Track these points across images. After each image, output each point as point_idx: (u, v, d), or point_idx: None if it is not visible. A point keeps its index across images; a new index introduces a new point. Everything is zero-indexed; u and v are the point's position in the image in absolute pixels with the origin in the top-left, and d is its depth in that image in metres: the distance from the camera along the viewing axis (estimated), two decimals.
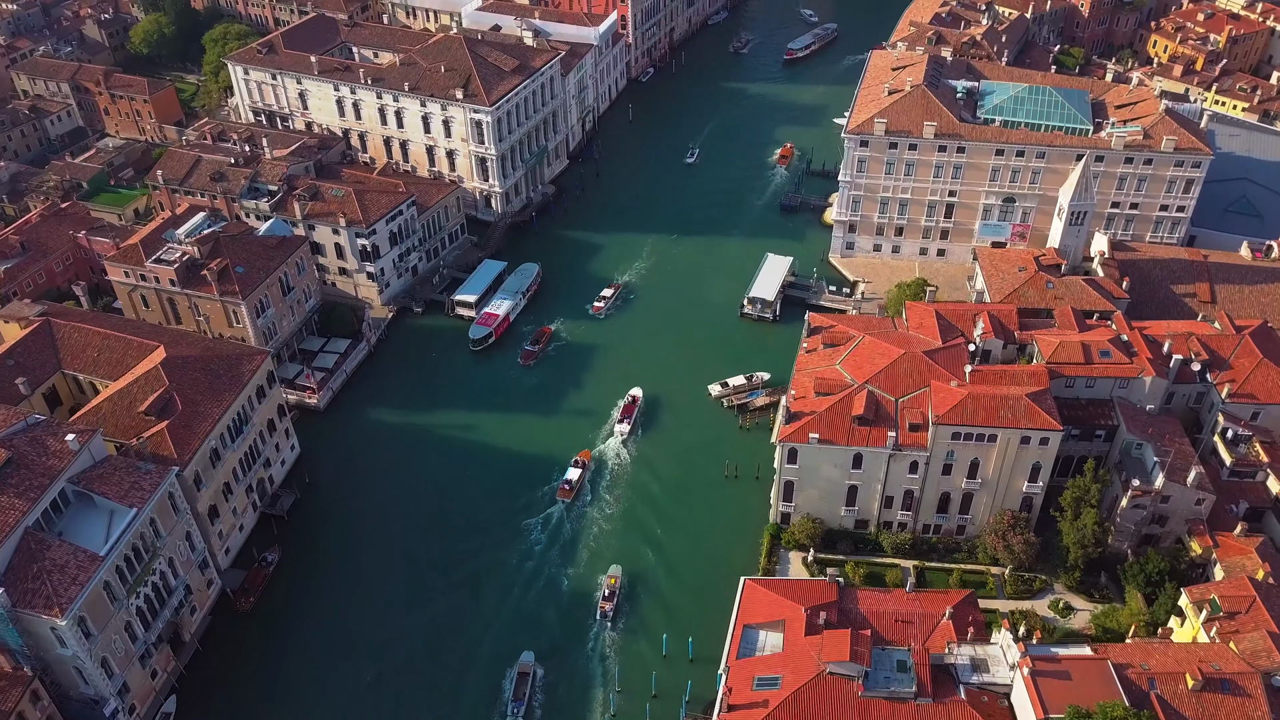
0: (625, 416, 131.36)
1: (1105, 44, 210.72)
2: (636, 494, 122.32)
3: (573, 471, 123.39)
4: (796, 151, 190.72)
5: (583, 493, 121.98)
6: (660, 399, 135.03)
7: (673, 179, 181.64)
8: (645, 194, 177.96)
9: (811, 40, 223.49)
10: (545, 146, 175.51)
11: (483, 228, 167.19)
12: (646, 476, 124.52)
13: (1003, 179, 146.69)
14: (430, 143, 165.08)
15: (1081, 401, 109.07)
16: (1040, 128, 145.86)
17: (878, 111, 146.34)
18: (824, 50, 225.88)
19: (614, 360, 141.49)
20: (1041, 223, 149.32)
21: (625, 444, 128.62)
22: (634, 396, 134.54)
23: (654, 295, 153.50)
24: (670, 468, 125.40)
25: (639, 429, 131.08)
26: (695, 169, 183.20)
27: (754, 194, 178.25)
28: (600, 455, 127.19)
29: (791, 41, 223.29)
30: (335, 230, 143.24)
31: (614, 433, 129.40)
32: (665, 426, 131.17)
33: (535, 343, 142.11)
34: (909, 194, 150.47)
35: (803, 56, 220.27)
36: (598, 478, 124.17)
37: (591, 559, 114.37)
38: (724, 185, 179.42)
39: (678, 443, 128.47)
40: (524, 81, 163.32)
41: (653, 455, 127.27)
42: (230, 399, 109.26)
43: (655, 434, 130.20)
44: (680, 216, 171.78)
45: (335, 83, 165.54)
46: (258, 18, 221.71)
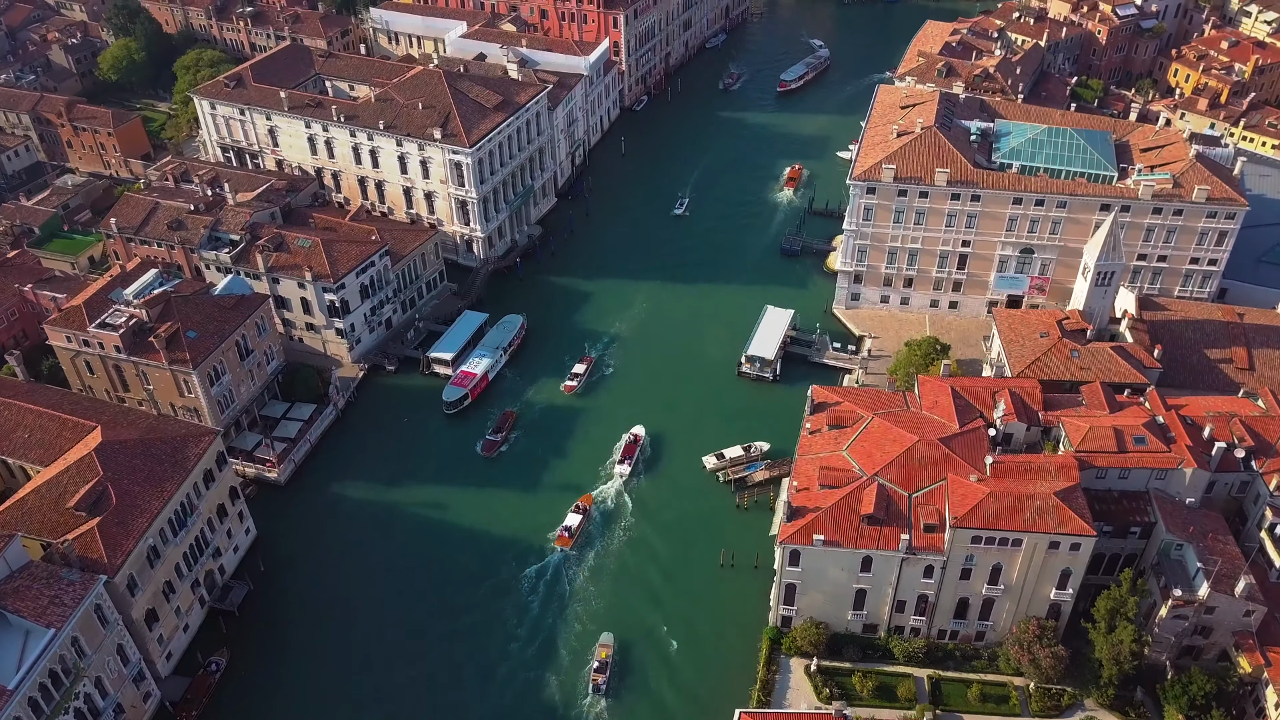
0: (626, 457, 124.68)
1: (1123, 72, 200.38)
2: (632, 555, 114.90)
3: (572, 517, 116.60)
4: (805, 172, 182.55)
5: (583, 540, 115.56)
6: (652, 469, 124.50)
7: (667, 219, 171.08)
8: (638, 235, 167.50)
9: (804, 70, 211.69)
10: (531, 185, 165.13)
11: (463, 274, 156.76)
12: (642, 554, 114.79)
13: (1020, 229, 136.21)
14: (407, 184, 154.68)
15: (1114, 494, 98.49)
16: (1061, 174, 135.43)
17: (885, 156, 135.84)
18: (818, 79, 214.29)
19: (598, 428, 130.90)
20: (1062, 275, 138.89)
21: (626, 488, 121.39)
22: (635, 435, 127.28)
23: (645, 350, 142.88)
24: (663, 549, 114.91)
25: (640, 474, 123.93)
26: (688, 213, 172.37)
27: (752, 234, 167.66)
28: (600, 498, 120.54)
29: (784, 72, 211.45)
30: (301, 285, 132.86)
31: (614, 474, 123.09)
32: (658, 502, 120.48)
33: (498, 430, 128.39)
34: (919, 244, 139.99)
35: (797, 88, 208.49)
36: (595, 526, 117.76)
37: (583, 630, 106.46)
38: (720, 226, 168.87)
39: (671, 522, 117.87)
40: (507, 119, 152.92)
41: (646, 531, 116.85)
42: (173, 489, 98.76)
43: (648, 508, 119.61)
44: (674, 259, 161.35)
45: (306, 120, 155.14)
46: (233, 43, 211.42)
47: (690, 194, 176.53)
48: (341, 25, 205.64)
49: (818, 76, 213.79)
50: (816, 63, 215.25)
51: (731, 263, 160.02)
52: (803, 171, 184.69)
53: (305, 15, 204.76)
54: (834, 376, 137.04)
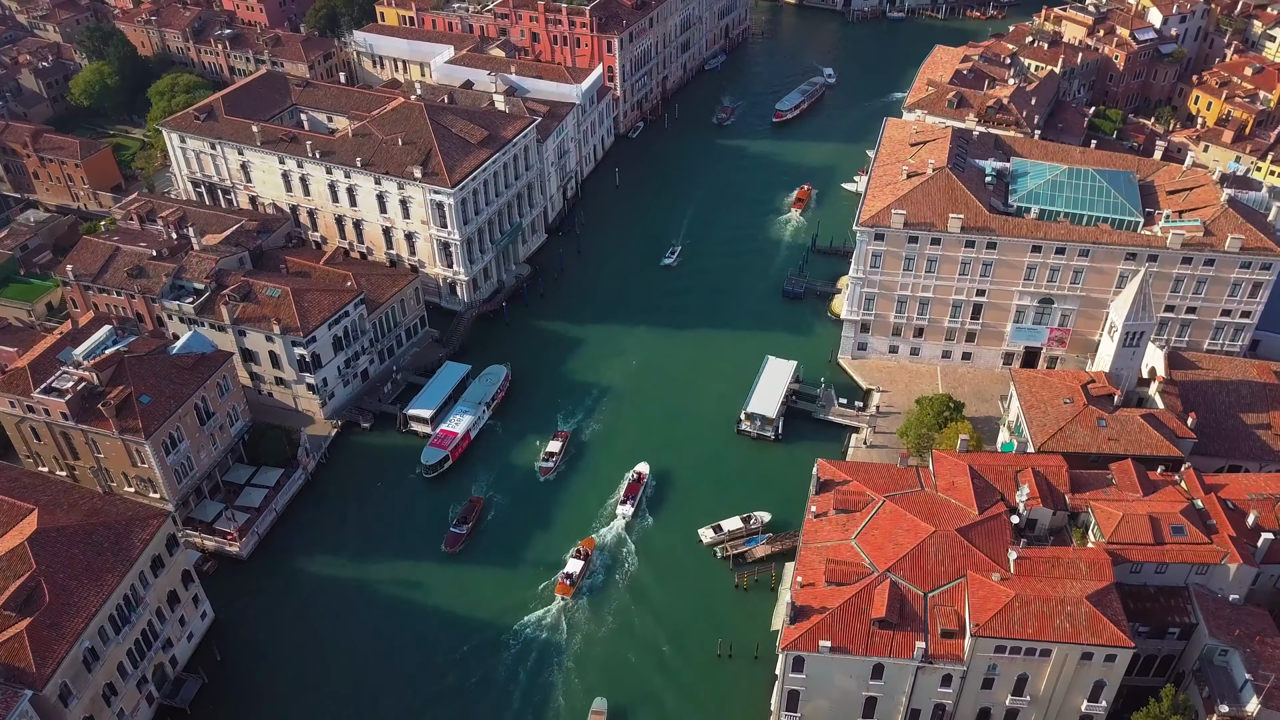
0: (629, 496, 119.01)
1: (1141, 99, 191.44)
2: (633, 607, 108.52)
3: (573, 563, 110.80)
4: (814, 192, 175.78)
5: (585, 588, 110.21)
6: (642, 542, 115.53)
7: (662, 256, 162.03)
8: (631, 274, 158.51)
9: (800, 99, 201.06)
10: (519, 223, 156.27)
11: (446, 318, 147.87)
12: (643, 614, 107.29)
13: (1039, 278, 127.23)
14: (387, 223, 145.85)
15: (1150, 590, 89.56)
16: (1082, 219, 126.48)
17: (895, 200, 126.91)
18: (815, 106, 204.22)
19: (595, 472, 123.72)
20: (1083, 326, 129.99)
21: (628, 530, 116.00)
22: (639, 473, 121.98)
23: (638, 405, 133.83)
24: (655, 635, 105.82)
25: (644, 513, 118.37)
26: (687, 245, 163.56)
27: (752, 273, 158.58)
28: (600, 542, 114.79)
29: (779, 102, 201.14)
30: (269, 338, 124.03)
31: (616, 515, 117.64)
32: (650, 580, 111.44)
33: (464, 521, 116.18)
34: (931, 292, 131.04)
35: (793, 117, 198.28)
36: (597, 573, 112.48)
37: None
38: (718, 264, 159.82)
39: (663, 604, 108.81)
40: (493, 155, 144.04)
41: (636, 617, 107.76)
42: (114, 581, 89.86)
43: (638, 588, 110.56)
44: (670, 301, 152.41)
45: (280, 155, 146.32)
46: (211, 66, 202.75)
47: (686, 230, 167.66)
48: (324, 49, 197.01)
49: (814, 104, 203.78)
50: (812, 90, 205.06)
51: (730, 305, 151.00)
52: (812, 192, 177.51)
53: (286, 38, 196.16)
54: (840, 435, 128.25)
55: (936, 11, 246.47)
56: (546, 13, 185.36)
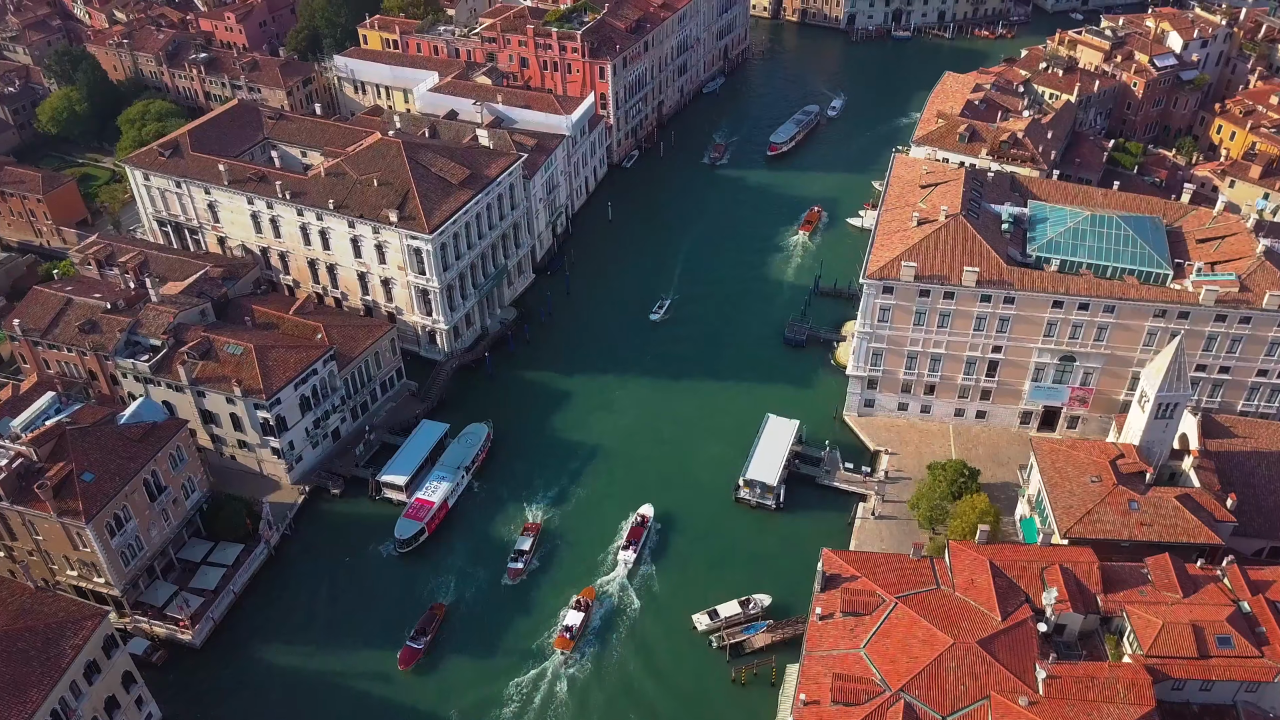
0: (632, 541, 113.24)
1: (1161, 127, 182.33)
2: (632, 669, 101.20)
3: (573, 615, 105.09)
4: (825, 215, 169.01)
5: (586, 640, 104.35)
6: (628, 627, 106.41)
7: (655, 297, 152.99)
8: (623, 318, 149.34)
9: (795, 130, 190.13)
10: (504, 265, 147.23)
11: (425, 368, 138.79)
12: None
13: (1060, 335, 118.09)
14: (362, 268, 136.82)
15: (1194, 709, 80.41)
16: (1107, 271, 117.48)
17: (905, 251, 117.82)
18: (811, 135, 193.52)
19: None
20: (1107, 385, 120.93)
21: (630, 579, 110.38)
22: (643, 516, 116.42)
23: (628, 467, 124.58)
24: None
25: (647, 559, 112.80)
26: (682, 284, 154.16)
27: (752, 316, 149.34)
28: (601, 593, 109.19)
29: (774, 134, 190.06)
30: (230, 400, 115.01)
31: (618, 562, 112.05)
32: (639, 672, 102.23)
33: (421, 633, 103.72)
34: (943, 348, 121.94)
35: (788, 150, 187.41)
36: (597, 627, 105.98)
37: None
38: (715, 307, 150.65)
39: (652, 699, 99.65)
40: (475, 197, 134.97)
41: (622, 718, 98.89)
42: (39, 696, 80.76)
43: (625, 682, 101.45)
44: (663, 349, 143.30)
45: (249, 195, 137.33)
46: (186, 91, 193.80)
47: (681, 268, 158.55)
48: (303, 74, 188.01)
49: (810, 134, 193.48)
50: (808, 120, 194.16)
51: (728, 354, 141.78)
52: (821, 215, 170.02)
53: (264, 63, 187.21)
54: (846, 503, 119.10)
55: (944, 31, 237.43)
56: (536, 37, 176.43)
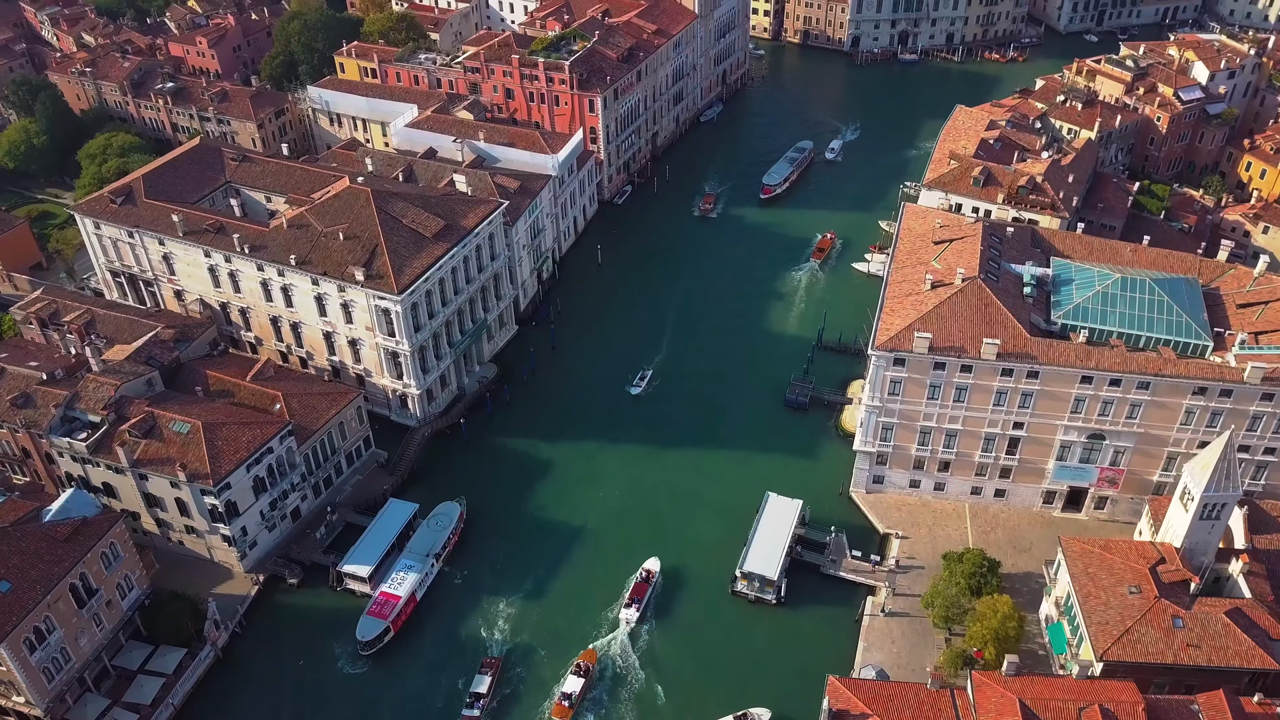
0: (635, 599, 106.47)
1: (1185, 164, 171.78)
2: None
3: (572, 681, 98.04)
4: (839, 242, 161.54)
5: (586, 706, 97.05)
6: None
7: (646, 351, 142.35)
8: (612, 376, 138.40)
9: (789, 169, 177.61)
10: (483, 320, 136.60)
11: (396, 434, 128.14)
12: None
13: (1089, 411, 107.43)
14: (328, 328, 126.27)
15: None
16: (1140, 341, 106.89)
17: (918, 319, 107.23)
18: (806, 173, 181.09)
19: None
20: (1140, 465, 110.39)
21: (634, 637, 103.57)
22: (647, 571, 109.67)
23: (613, 555, 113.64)
24: None
25: (650, 619, 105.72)
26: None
27: (750, 372, 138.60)
28: (603, 654, 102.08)
29: (767, 174, 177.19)
30: (174, 484, 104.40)
31: (620, 621, 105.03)
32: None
33: None
34: (959, 424, 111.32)
35: (783, 192, 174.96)
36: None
37: None
38: (710, 364, 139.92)
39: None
40: (451, 250, 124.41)
41: None
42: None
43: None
44: (654, 412, 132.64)
45: (205, 249, 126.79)
46: (153, 122, 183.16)
47: (674, 319, 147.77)
48: (276, 104, 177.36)
49: (804, 173, 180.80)
50: (801, 158, 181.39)
51: (724, 419, 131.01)
52: (835, 241, 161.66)
53: (234, 93, 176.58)
54: (853, 596, 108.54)
55: (952, 53, 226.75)
56: (521, 68, 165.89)
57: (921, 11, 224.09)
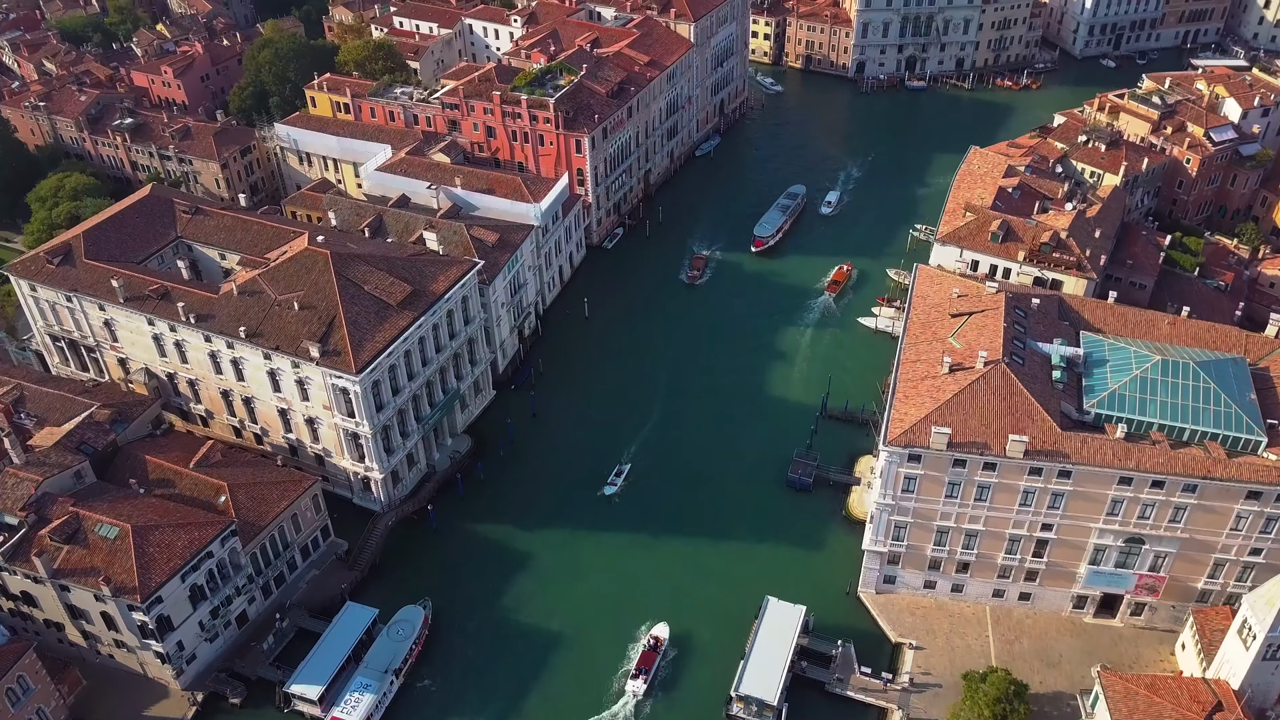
0: (642, 669, 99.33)
1: (1216, 207, 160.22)
2: None
3: None
4: (855, 273, 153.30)
5: None
6: None
7: (635, 421, 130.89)
8: (596, 449, 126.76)
9: (782, 218, 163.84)
10: (457, 389, 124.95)
11: (359, 518, 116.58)
12: None
13: (1127, 514, 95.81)
14: (282, 404, 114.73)
15: None
16: (1184, 434, 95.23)
17: (935, 409, 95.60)
18: (798, 220, 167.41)
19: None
20: (1184, 571, 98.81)
21: (640, 710, 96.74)
22: (656, 639, 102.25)
23: (593, 665, 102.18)
24: None
25: (658, 694, 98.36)
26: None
27: (749, 446, 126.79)
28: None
29: (758, 226, 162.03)
30: (99, 598, 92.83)
31: (626, 692, 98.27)
32: None
33: None
34: (981, 524, 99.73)
35: (775, 243, 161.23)
36: None
37: None
38: (704, 436, 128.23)
39: None
40: (418, 320, 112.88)
41: None
42: None
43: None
44: (643, 490, 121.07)
45: (147, 316, 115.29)
46: (111, 160, 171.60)
47: (666, 382, 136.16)
48: (242, 142, 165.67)
49: (796, 221, 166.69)
50: (794, 205, 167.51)
51: (719, 503, 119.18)
52: (851, 273, 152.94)
53: (197, 130, 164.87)
54: (863, 717, 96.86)
55: (962, 80, 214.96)
56: (503, 105, 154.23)
57: (930, 36, 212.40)
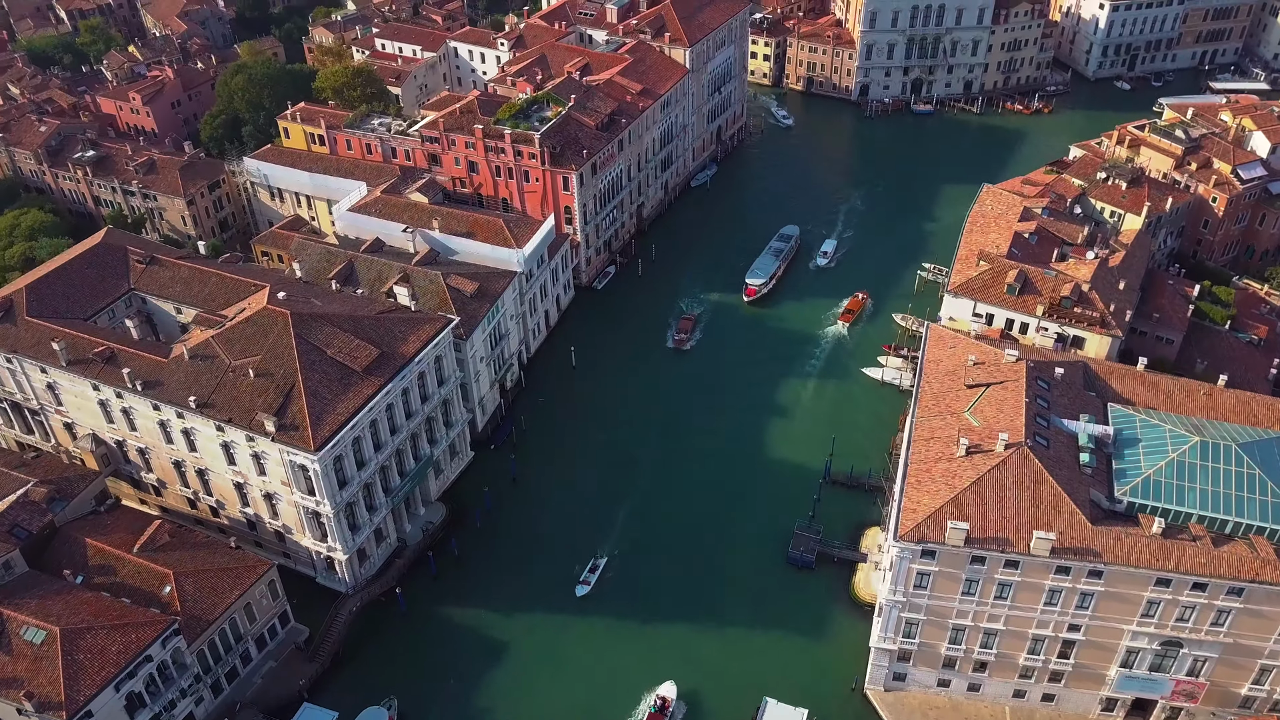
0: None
1: (1243, 248, 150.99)
2: None
3: None
4: (870, 304, 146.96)
5: None
6: None
7: (622, 486, 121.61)
8: (580, 519, 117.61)
9: (776, 263, 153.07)
10: (430, 456, 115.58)
11: (323, 598, 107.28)
12: None
13: (1164, 616, 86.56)
14: (238, 478, 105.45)
15: None
16: (1227, 527, 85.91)
17: (951, 499, 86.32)
18: (793, 264, 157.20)
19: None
20: (1226, 675, 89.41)
21: None
22: (663, 699, 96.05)
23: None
24: None
25: None
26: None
27: (746, 516, 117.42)
28: None
29: (750, 272, 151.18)
30: (22, 712, 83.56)
31: None
32: None
33: None
34: (1001, 623, 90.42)
35: (768, 291, 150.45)
36: None
37: None
38: (698, 505, 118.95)
39: None
40: (385, 386, 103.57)
41: None
42: None
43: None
44: (630, 568, 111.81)
45: (92, 382, 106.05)
46: (73, 194, 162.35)
47: (656, 443, 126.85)
48: (210, 176, 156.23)
49: (791, 264, 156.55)
50: (787, 248, 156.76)
51: (714, 584, 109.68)
52: (867, 302, 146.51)
53: (162, 163, 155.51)
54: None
55: (971, 104, 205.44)
56: (486, 139, 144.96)
57: (937, 58, 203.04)
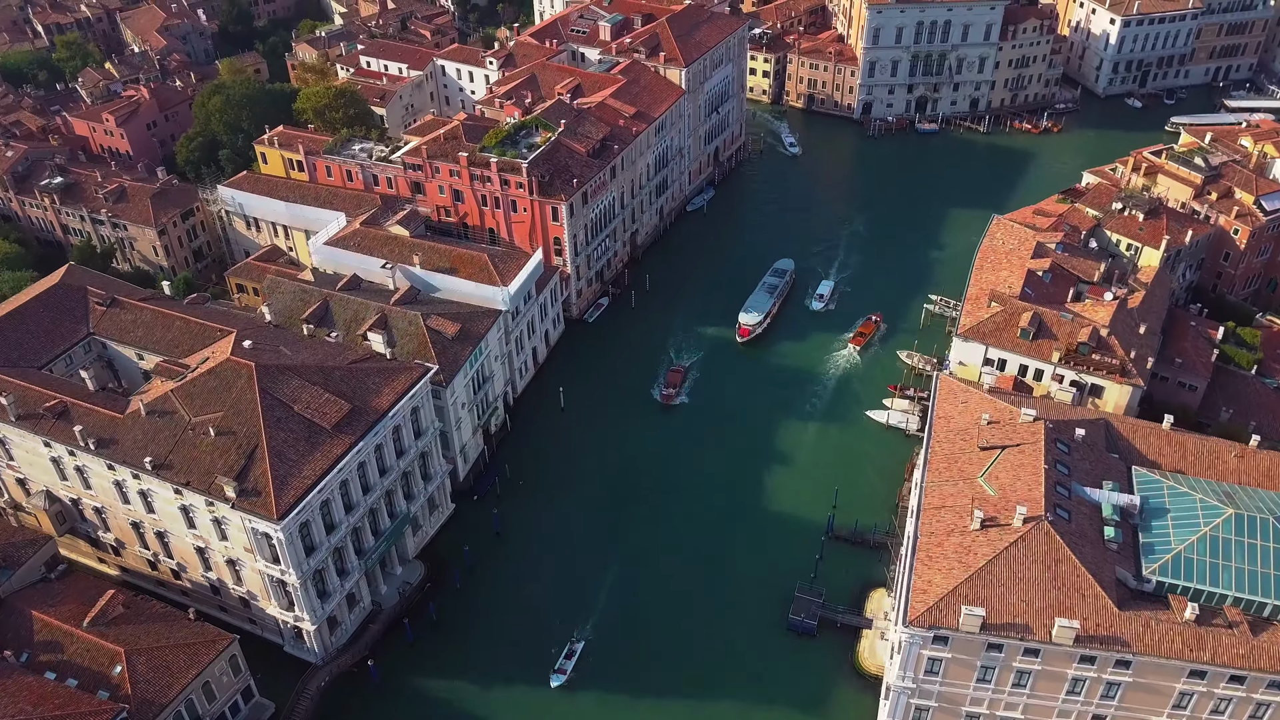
0: None
1: (1265, 281, 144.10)
2: None
3: None
4: (884, 327, 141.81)
5: None
6: None
7: (611, 542, 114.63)
8: (570, 574, 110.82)
9: (770, 301, 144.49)
10: (406, 513, 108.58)
11: (291, 668, 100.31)
12: None
13: (1197, 709, 79.65)
14: (199, 542, 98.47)
15: None
16: (1265, 610, 79.01)
17: (965, 581, 79.37)
18: (788, 299, 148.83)
19: None
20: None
21: None
22: None
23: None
24: None
25: None
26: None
27: (744, 578, 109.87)
28: None
29: (743, 311, 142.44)
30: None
31: None
32: None
33: None
34: (1019, 712, 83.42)
35: (763, 331, 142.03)
36: None
37: None
38: (693, 563, 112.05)
39: None
40: (356, 445, 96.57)
41: None
42: None
43: None
44: (624, 639, 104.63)
45: (43, 439, 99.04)
46: (40, 222, 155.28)
47: (649, 494, 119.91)
48: (183, 205, 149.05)
49: (785, 300, 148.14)
50: (781, 284, 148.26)
51: (711, 650, 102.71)
52: (880, 324, 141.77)
53: (133, 190, 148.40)
54: None
55: (977, 123, 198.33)
56: (471, 167, 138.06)
57: (942, 75, 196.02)
